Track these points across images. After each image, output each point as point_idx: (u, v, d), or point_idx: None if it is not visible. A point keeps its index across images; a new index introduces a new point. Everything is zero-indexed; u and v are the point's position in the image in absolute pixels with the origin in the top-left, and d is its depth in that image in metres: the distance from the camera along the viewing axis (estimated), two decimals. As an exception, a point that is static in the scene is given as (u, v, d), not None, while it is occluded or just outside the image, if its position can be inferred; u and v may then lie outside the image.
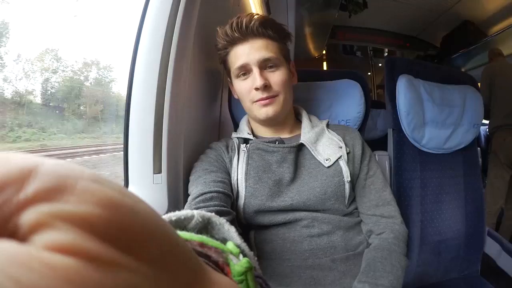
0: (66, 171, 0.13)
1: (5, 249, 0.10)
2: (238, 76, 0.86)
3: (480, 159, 1.34)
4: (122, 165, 0.83)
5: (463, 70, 4.32)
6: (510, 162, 2.33)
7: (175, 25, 0.80)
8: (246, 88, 0.85)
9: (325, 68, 4.87)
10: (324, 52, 4.83)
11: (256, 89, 0.83)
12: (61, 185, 0.12)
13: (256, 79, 0.82)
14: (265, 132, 0.93)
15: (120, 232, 0.12)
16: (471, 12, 3.51)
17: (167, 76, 0.79)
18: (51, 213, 0.12)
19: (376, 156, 1.14)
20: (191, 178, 0.81)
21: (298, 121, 0.97)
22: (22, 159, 0.13)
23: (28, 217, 0.11)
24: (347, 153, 0.86)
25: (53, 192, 0.12)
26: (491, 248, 1.24)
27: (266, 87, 0.82)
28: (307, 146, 0.85)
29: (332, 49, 4.90)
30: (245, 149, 0.86)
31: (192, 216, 0.27)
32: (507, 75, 2.47)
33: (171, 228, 0.15)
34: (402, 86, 1.14)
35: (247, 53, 0.83)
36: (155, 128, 0.78)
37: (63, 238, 0.11)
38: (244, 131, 0.92)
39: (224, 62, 0.90)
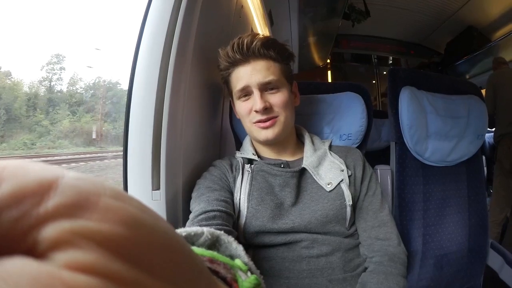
0: (88, 186, 0.13)
1: (25, 269, 0.10)
2: (239, 98, 0.87)
3: (485, 168, 1.32)
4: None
5: (467, 76, 4.31)
6: None
7: (173, 37, 0.80)
8: (246, 110, 0.86)
9: (329, 76, 4.87)
10: (328, 61, 4.83)
11: (256, 111, 0.83)
12: (83, 201, 0.12)
13: (256, 102, 0.82)
14: (268, 153, 0.93)
15: (141, 251, 0.12)
16: (475, 17, 3.51)
17: (165, 91, 0.79)
18: (73, 230, 0.11)
19: (378, 170, 1.14)
20: (194, 195, 0.80)
21: (300, 142, 0.97)
22: (42, 170, 0.12)
23: (48, 233, 0.11)
24: (349, 176, 0.86)
25: (74, 208, 0.12)
26: (494, 260, 1.22)
27: (266, 109, 0.83)
28: (309, 170, 0.85)
29: (336, 57, 4.91)
30: (249, 169, 0.86)
31: (202, 233, 0.28)
32: (511, 83, 2.47)
33: (188, 246, 0.15)
34: (405, 98, 1.13)
35: (249, 75, 0.83)
36: (153, 145, 0.78)
37: (86, 257, 0.11)
38: (248, 151, 0.92)
39: (227, 83, 0.91)
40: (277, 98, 0.84)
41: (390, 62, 4.97)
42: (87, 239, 0.11)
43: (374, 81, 4.97)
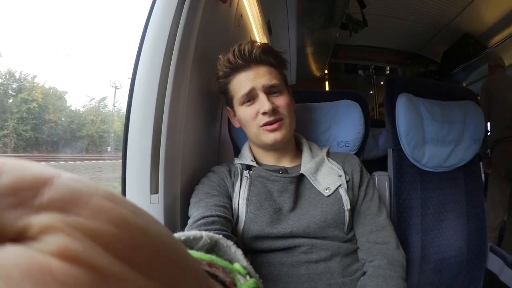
0: (81, 186, 0.13)
1: (15, 260, 0.10)
2: (243, 103, 0.87)
3: (483, 175, 1.32)
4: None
5: (464, 84, 4.34)
6: (511, 175, 2.32)
7: (174, 44, 0.81)
8: (252, 114, 0.86)
9: (327, 87, 4.89)
10: (326, 71, 4.86)
11: (264, 113, 0.84)
12: (75, 199, 0.12)
13: (264, 103, 0.83)
14: (267, 160, 0.94)
15: (130, 250, 0.12)
16: (471, 25, 3.53)
17: (166, 97, 0.80)
18: (64, 221, 0.12)
19: (376, 177, 1.14)
20: (192, 200, 0.81)
21: (298, 149, 0.98)
22: (39, 169, 0.13)
23: (40, 218, 0.12)
24: (347, 181, 0.87)
25: (67, 204, 0.12)
26: (494, 263, 1.22)
27: (274, 110, 0.84)
28: (307, 176, 0.86)
29: (334, 68, 4.93)
30: (248, 175, 0.86)
31: (201, 237, 0.28)
32: (505, 88, 2.47)
33: (185, 249, 0.16)
34: (402, 105, 1.14)
35: (253, 79, 0.84)
36: (152, 149, 0.78)
37: (75, 245, 0.11)
38: (247, 158, 0.93)
39: (225, 91, 0.91)
40: (281, 100, 0.86)
41: (388, 72, 5.00)
42: (77, 230, 0.12)
43: (371, 91, 5.00)
